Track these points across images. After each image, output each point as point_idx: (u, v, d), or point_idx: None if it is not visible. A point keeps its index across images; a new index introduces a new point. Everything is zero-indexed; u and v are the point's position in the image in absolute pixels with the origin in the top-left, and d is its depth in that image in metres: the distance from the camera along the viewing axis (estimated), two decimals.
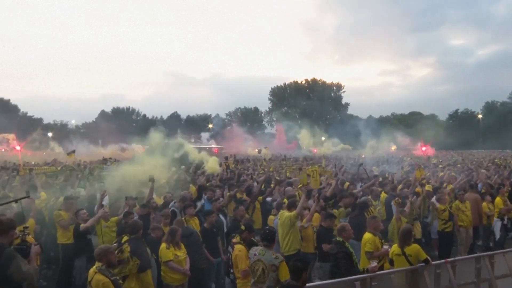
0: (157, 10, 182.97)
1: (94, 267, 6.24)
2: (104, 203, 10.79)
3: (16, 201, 5.22)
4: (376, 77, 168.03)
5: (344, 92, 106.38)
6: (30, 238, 5.23)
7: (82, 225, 9.36)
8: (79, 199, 11.44)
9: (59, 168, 20.15)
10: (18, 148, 40.01)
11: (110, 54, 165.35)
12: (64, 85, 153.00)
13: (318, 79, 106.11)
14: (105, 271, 6.11)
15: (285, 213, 9.45)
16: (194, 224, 9.89)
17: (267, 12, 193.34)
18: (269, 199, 12.33)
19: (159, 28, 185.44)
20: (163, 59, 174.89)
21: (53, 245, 10.29)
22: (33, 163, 24.72)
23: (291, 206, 9.59)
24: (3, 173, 18.46)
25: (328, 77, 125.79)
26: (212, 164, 18.38)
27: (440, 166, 24.35)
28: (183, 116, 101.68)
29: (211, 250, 9.29)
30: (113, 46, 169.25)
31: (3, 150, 45.53)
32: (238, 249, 7.59)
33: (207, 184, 14.07)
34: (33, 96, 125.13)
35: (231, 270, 7.83)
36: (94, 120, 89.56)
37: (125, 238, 8.15)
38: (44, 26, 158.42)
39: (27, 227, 5.47)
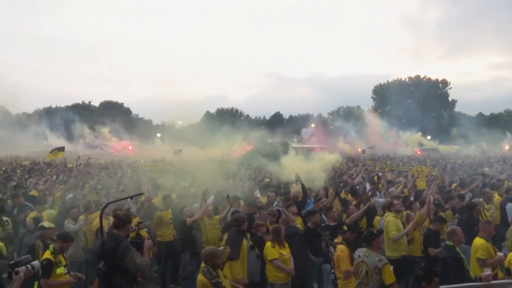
0: (257, 11, 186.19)
1: (201, 266, 6.45)
2: (208, 202, 11.15)
3: (131, 197, 5.56)
4: (485, 72, 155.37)
5: (450, 88, 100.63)
6: (143, 233, 5.55)
7: (188, 220, 9.81)
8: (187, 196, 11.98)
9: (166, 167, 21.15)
10: (130, 147, 42.92)
11: (213, 56, 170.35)
12: (171, 87, 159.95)
13: (422, 76, 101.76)
14: (206, 273, 6.17)
15: (389, 216, 9.28)
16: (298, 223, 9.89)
17: (367, 8, 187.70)
18: (380, 199, 12.01)
19: (259, 28, 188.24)
20: (263, 59, 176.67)
21: None
22: (142, 162, 26.13)
23: (390, 206, 9.53)
24: (118, 171, 19.81)
25: (433, 73, 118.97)
26: None
27: None
28: (286, 116, 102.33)
29: (314, 250, 9.22)
30: (215, 48, 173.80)
31: (116, 149, 48.84)
32: (340, 249, 7.54)
33: None
34: (144, 99, 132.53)
35: (332, 271, 7.77)
36: (199, 121, 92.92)
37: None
38: (150, 33, 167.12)
39: (141, 222, 5.80)
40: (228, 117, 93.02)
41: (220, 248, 6.77)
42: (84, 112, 79.48)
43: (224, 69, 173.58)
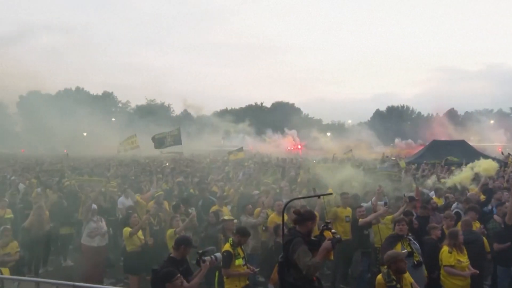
0: (424, 3, 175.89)
1: (384, 267, 6.37)
2: (381, 202, 10.86)
3: (318, 196, 5.62)
4: None
5: None
6: (327, 233, 5.49)
7: (361, 221, 9.67)
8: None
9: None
10: (299, 146, 44.10)
11: (380, 53, 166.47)
12: (340, 86, 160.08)
13: None
14: (385, 274, 6.14)
15: None
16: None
17: None
18: None
19: (426, 22, 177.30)
20: (432, 54, 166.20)
21: None
22: (314, 161, 26.44)
23: None
24: (291, 169, 20.30)
25: None
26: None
27: None
28: (461, 112, 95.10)
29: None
30: (382, 45, 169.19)
31: (288, 148, 50.37)
32: None
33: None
34: (314, 98, 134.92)
35: None
36: (369, 119, 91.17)
37: None
38: (317, 34, 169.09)
39: (329, 222, 5.78)
40: (398, 115, 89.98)
41: (404, 251, 6.55)
42: (256, 113, 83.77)
43: (392, 66, 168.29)
